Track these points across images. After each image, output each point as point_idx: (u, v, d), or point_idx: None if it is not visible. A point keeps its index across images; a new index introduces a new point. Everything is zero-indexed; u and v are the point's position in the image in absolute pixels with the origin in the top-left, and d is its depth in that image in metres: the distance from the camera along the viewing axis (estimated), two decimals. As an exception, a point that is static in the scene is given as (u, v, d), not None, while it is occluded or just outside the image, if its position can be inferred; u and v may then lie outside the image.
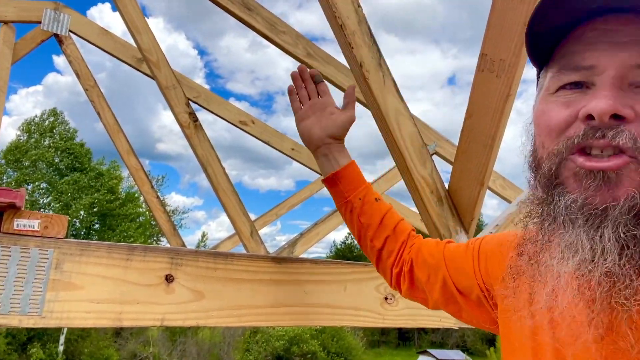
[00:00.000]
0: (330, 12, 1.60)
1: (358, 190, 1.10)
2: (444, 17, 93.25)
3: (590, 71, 0.58)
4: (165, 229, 4.79)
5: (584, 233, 0.55)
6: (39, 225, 1.11)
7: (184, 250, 1.28)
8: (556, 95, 0.62)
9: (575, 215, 0.56)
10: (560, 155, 0.59)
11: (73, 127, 29.13)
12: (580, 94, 0.59)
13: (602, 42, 0.58)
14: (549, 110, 0.62)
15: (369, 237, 1.08)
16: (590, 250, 0.55)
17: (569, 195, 0.57)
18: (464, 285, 0.91)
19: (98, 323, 1.14)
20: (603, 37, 0.58)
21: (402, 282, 1.06)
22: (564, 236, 0.58)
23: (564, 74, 0.61)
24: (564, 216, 0.58)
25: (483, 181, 1.67)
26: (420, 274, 1.00)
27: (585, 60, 0.59)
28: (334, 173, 1.12)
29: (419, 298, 1.06)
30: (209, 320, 1.26)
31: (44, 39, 4.22)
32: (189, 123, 3.13)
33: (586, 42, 0.60)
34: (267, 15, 3.20)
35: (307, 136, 1.17)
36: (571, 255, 0.56)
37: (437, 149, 4.05)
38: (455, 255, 0.96)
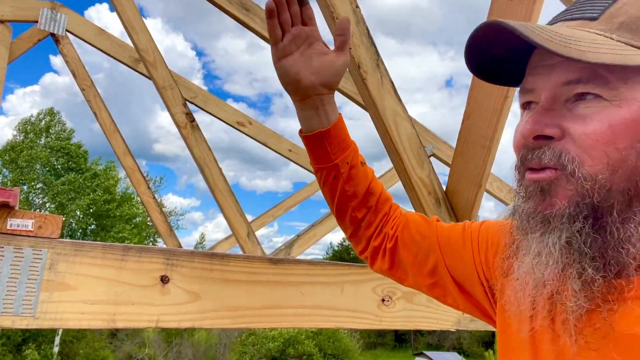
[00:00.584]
0: (328, 12, 1.59)
1: (347, 153, 0.95)
2: (442, 20, 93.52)
3: (533, 93, 0.65)
4: (161, 229, 4.77)
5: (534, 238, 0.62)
6: (33, 225, 1.10)
7: (180, 251, 1.27)
8: (523, 113, 0.68)
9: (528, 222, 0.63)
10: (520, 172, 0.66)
11: (70, 128, 29.07)
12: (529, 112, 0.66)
13: (540, 65, 0.64)
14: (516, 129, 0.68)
15: (352, 206, 0.97)
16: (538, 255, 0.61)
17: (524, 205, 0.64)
18: (459, 272, 0.88)
19: (92, 324, 1.13)
20: (541, 61, 0.64)
21: (381, 258, 0.99)
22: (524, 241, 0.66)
23: (520, 95, 0.68)
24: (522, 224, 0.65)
25: (481, 183, 1.66)
26: (406, 254, 0.95)
27: (528, 84, 0.66)
28: (323, 132, 0.93)
29: (394, 276, 1.00)
30: (204, 322, 1.25)
31: (40, 39, 4.20)
32: (186, 123, 3.12)
33: (531, 65, 0.66)
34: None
35: (292, 79, 0.91)
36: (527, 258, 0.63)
37: (435, 150, 4.05)
38: (451, 238, 0.91)
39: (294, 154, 5.03)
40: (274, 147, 4.84)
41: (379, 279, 1.55)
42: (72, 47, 4.35)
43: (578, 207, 0.58)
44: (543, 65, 0.63)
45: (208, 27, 76.02)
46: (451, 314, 1.63)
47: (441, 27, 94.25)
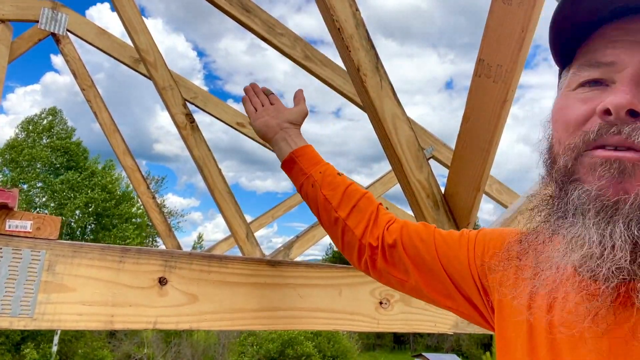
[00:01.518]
0: (328, 15, 1.59)
1: (318, 166, 1.10)
2: (442, 23, 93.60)
3: (610, 67, 0.58)
4: (160, 230, 4.77)
5: (594, 226, 0.54)
6: (32, 226, 1.10)
7: (178, 252, 1.27)
8: (576, 92, 0.62)
9: (588, 206, 0.55)
10: (577, 149, 0.58)
11: (71, 126, 29.05)
12: (599, 91, 0.59)
13: (624, 40, 0.58)
14: (567, 106, 0.62)
15: (334, 207, 1.04)
16: (599, 246, 0.53)
17: (582, 187, 0.56)
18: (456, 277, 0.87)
19: (90, 326, 1.13)
20: (625, 36, 0.58)
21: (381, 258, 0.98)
22: (572, 228, 0.56)
23: (584, 69, 0.61)
24: (575, 208, 0.56)
25: (479, 186, 1.67)
26: (405, 257, 0.95)
27: (605, 57, 0.59)
28: (293, 152, 1.13)
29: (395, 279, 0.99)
30: (202, 324, 1.25)
31: (41, 38, 4.21)
32: (186, 124, 3.12)
33: (608, 39, 0.60)
34: (266, 17, 3.20)
35: (263, 127, 1.21)
36: (577, 249, 0.55)
37: (434, 153, 4.06)
38: (448, 242, 0.91)
39: (294, 155, 5.02)
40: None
41: (377, 282, 1.55)
42: (73, 47, 4.35)
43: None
44: (629, 40, 0.58)
45: (209, 28, 76.09)
46: (449, 317, 1.63)
47: (441, 29, 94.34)
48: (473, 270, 0.85)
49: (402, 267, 0.97)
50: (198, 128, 3.17)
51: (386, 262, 0.98)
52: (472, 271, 0.85)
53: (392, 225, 1.01)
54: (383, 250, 0.98)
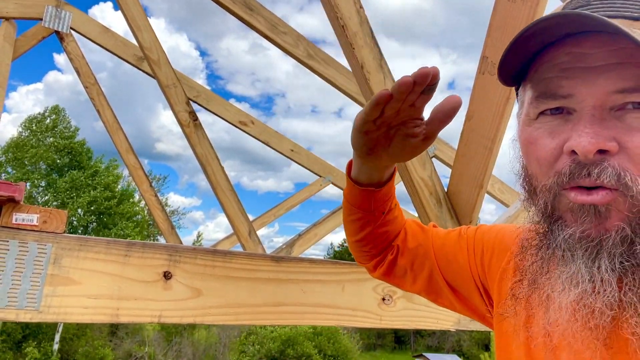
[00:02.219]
0: (332, 13, 1.60)
1: (385, 204, 0.90)
2: (444, 23, 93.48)
3: (569, 99, 0.57)
4: (162, 227, 4.78)
5: (583, 264, 0.57)
6: (38, 220, 1.11)
7: (183, 247, 1.28)
8: (538, 121, 0.61)
9: (575, 247, 0.58)
10: (553, 191, 0.59)
11: (75, 126, 29.10)
12: (562, 120, 0.59)
13: (577, 68, 0.57)
14: (534, 140, 0.61)
15: (374, 244, 0.95)
16: (590, 282, 0.56)
17: (567, 230, 0.58)
18: (454, 277, 0.88)
19: (95, 319, 1.14)
20: (577, 63, 0.57)
21: (380, 267, 0.98)
22: (564, 268, 0.59)
23: (542, 101, 0.60)
24: (563, 249, 0.59)
25: (482, 184, 1.67)
26: (403, 262, 0.94)
27: (562, 89, 0.58)
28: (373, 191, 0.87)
29: (394, 282, 0.99)
30: (206, 318, 1.26)
31: (45, 36, 4.22)
32: (189, 122, 3.13)
33: (560, 67, 0.58)
34: (269, 15, 3.21)
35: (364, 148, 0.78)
36: (572, 287, 0.58)
37: (437, 152, 4.06)
38: (446, 244, 0.91)
39: (296, 153, 5.04)
40: (276, 147, 4.84)
41: (380, 278, 1.56)
42: (77, 45, 4.37)
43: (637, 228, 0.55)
44: (582, 67, 0.56)
45: (211, 28, 76.14)
46: (451, 314, 1.64)
47: (444, 29, 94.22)
48: (474, 271, 0.85)
49: (399, 272, 0.97)
50: (201, 126, 3.18)
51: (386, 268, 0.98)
52: (472, 272, 0.85)
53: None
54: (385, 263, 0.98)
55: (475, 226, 0.93)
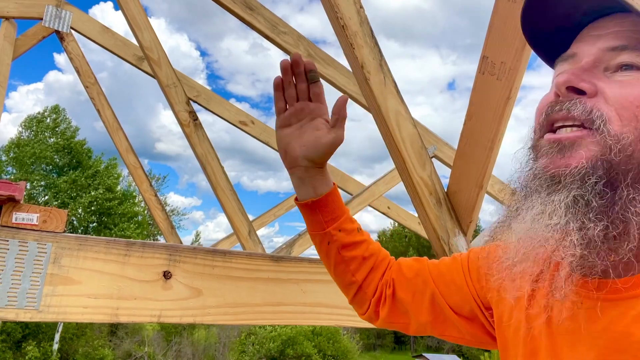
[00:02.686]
0: (332, 12, 1.60)
1: (338, 221, 0.95)
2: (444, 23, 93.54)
3: (574, 58, 0.66)
4: (162, 227, 4.78)
5: (538, 197, 0.61)
6: (38, 219, 1.11)
7: (182, 247, 1.28)
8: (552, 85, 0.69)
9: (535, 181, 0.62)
10: (539, 132, 0.65)
11: (75, 125, 29.08)
12: None
13: (586, 35, 0.66)
14: (542, 98, 0.69)
15: (351, 271, 0.96)
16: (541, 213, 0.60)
17: (534, 165, 0.64)
18: (455, 300, 0.87)
19: (95, 318, 1.14)
20: (589, 32, 0.66)
21: (382, 308, 0.97)
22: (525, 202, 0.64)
23: (559, 64, 0.69)
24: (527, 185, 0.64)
25: (482, 183, 1.67)
26: (403, 295, 0.94)
27: (569, 50, 0.67)
28: (311, 202, 0.95)
29: (399, 323, 0.97)
30: (205, 318, 1.26)
31: (45, 36, 4.22)
32: (189, 121, 3.13)
33: (578, 38, 0.68)
34: (269, 15, 3.21)
35: (282, 148, 0.97)
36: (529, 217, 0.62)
37: (437, 152, 4.06)
38: (442, 269, 0.92)
39: (296, 153, 5.03)
40: (276, 147, 4.84)
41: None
42: (77, 44, 4.37)
43: (595, 166, 0.57)
44: (591, 35, 0.65)
45: (212, 28, 76.18)
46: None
47: (443, 30, 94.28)
48: (472, 291, 0.86)
49: (402, 308, 0.95)
50: (201, 125, 3.18)
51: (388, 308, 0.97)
52: (471, 292, 0.86)
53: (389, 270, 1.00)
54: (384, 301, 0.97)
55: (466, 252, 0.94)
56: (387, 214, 5.34)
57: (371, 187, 4.58)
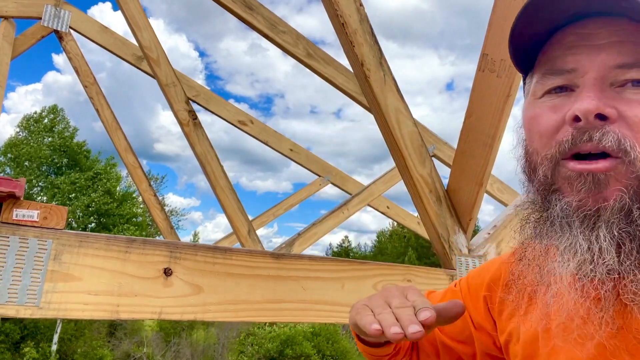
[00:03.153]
0: (332, 10, 1.60)
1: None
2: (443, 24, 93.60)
3: (573, 74, 0.60)
4: (162, 227, 4.78)
5: (581, 234, 0.57)
6: (38, 216, 1.11)
7: (183, 244, 1.27)
8: (542, 100, 0.63)
9: (571, 217, 0.58)
10: (554, 160, 0.60)
11: (74, 126, 29.00)
12: (565, 97, 0.61)
13: (582, 45, 0.60)
14: (537, 115, 0.63)
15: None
16: (588, 251, 0.56)
17: (564, 199, 0.59)
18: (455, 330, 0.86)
19: (95, 315, 1.14)
20: (582, 41, 0.60)
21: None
22: (562, 239, 0.59)
23: (548, 78, 0.63)
24: (560, 219, 0.59)
25: (482, 181, 1.67)
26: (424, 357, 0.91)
27: (567, 64, 0.61)
28: None
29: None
30: (206, 315, 1.26)
31: (44, 35, 4.22)
32: (188, 121, 3.13)
33: (566, 46, 0.62)
34: (268, 15, 3.21)
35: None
36: (571, 257, 0.58)
37: (436, 151, 4.06)
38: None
39: (295, 153, 5.04)
40: (275, 147, 4.84)
41: (380, 275, 1.56)
42: (76, 44, 4.37)
43: (635, 197, 0.55)
44: (586, 45, 0.60)
45: (211, 28, 76.11)
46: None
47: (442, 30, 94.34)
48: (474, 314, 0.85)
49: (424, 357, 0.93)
50: (200, 124, 3.18)
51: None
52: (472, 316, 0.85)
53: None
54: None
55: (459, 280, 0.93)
56: (386, 213, 5.34)
57: (370, 186, 4.58)
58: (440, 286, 1.68)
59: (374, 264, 1.57)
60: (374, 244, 46.17)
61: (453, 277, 1.71)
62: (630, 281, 0.55)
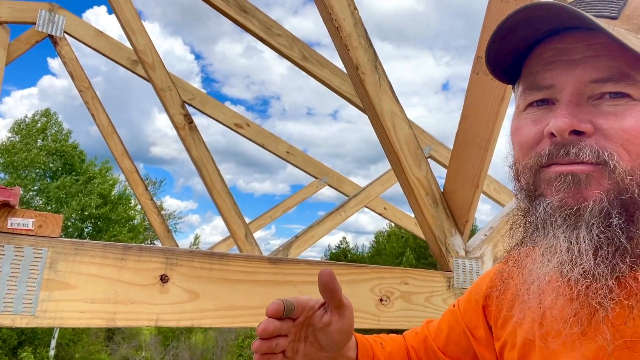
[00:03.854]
0: (326, 14, 1.60)
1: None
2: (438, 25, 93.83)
3: (551, 89, 0.62)
4: (159, 231, 4.77)
5: (562, 234, 0.59)
6: (33, 224, 1.10)
7: (179, 250, 1.27)
8: (526, 112, 0.66)
9: (554, 217, 0.60)
10: (533, 169, 0.63)
11: (67, 129, 28.90)
12: (546, 111, 0.63)
13: (558, 60, 0.62)
14: (520, 127, 0.66)
15: None
16: (567, 252, 0.58)
17: (546, 200, 0.61)
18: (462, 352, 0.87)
19: (91, 323, 1.13)
20: (559, 56, 0.62)
21: None
22: (545, 240, 0.61)
23: (529, 93, 0.65)
24: (543, 220, 0.61)
25: (478, 183, 1.68)
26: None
27: (545, 80, 0.63)
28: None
29: None
30: (203, 321, 1.26)
31: (38, 40, 4.20)
32: (184, 125, 3.13)
33: (545, 61, 0.64)
34: (263, 18, 3.21)
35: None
36: (551, 257, 0.60)
37: (432, 152, 4.07)
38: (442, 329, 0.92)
39: (292, 155, 5.03)
40: (272, 149, 4.84)
41: (377, 278, 1.56)
42: (70, 49, 4.35)
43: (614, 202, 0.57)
44: (563, 60, 0.61)
45: (206, 32, 76.05)
46: (449, 314, 1.64)
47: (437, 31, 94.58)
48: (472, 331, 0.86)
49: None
50: (196, 128, 3.18)
51: None
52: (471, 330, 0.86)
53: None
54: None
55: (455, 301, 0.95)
56: (383, 214, 5.34)
57: (367, 188, 4.58)
58: (437, 288, 1.69)
59: (370, 267, 1.57)
60: (372, 244, 46.18)
61: (450, 279, 1.71)
62: (601, 286, 0.57)
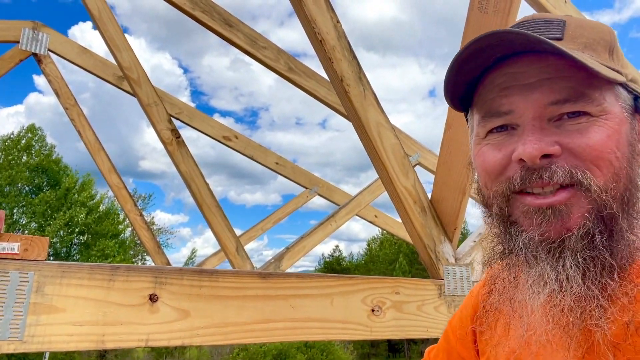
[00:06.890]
0: (309, 28, 1.62)
1: None
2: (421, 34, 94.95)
3: (510, 115, 0.62)
4: (149, 247, 4.72)
5: (548, 265, 0.58)
6: (19, 248, 1.09)
7: (168, 268, 1.26)
8: (487, 139, 0.65)
9: (536, 251, 0.59)
10: (505, 195, 0.62)
11: (51, 143, 28.55)
12: (507, 136, 0.63)
13: (513, 86, 0.61)
14: (483, 153, 0.65)
15: None
16: (556, 281, 0.58)
17: (525, 234, 0.60)
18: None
19: (80, 346, 1.12)
20: (513, 81, 0.62)
21: None
22: (531, 271, 0.61)
23: (487, 120, 0.64)
24: (525, 253, 0.61)
25: (465, 190, 1.69)
26: None
27: (503, 106, 0.62)
28: None
29: None
30: (194, 339, 1.25)
31: (22, 59, 4.17)
32: (172, 140, 3.12)
33: (499, 87, 0.63)
34: (248, 31, 3.23)
35: None
36: (541, 289, 0.60)
37: (420, 159, 4.10)
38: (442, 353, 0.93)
39: (281, 166, 5.04)
40: (261, 161, 4.84)
41: (369, 289, 1.56)
42: (55, 67, 4.33)
43: (595, 221, 0.57)
44: (519, 85, 0.61)
45: (192, 46, 76.14)
46: (440, 322, 1.65)
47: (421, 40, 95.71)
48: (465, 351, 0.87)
49: None
50: (184, 143, 3.17)
51: None
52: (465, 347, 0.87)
53: None
54: None
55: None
56: (374, 222, 5.35)
57: (357, 197, 4.59)
58: (428, 296, 1.69)
59: (362, 278, 1.58)
60: (365, 252, 46.11)
61: (441, 287, 1.72)
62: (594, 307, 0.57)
